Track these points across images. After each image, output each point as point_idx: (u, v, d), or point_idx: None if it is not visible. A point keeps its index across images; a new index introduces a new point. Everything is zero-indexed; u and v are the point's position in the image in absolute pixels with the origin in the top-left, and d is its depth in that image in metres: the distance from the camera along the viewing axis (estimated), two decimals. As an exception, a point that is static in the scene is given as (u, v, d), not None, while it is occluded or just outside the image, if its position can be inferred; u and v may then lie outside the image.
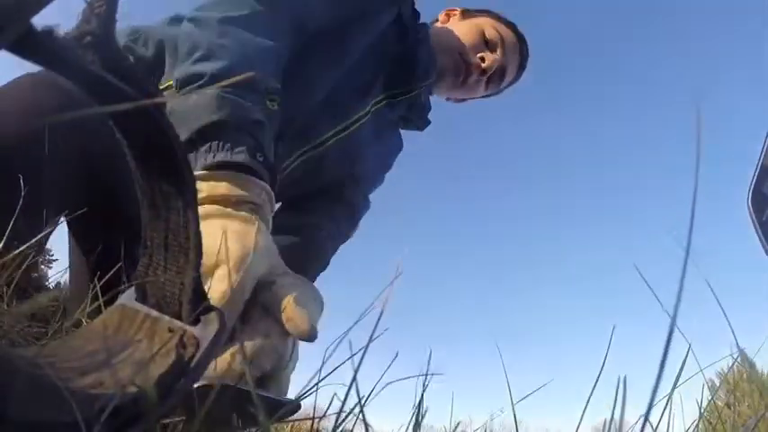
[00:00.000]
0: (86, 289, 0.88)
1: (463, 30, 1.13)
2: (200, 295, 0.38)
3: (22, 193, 0.65)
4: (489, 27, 1.13)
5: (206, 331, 0.37)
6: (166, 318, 0.38)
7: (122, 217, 0.79)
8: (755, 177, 0.62)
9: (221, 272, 0.50)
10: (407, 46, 1.03)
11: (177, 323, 0.37)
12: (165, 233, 0.38)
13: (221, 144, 0.60)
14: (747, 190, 0.62)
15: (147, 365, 0.34)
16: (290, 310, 0.51)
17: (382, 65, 1.02)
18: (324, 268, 1.10)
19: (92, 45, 0.27)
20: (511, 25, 1.16)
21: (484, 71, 1.12)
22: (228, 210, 0.55)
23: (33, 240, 0.63)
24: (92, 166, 0.85)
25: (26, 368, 0.30)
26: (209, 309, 0.38)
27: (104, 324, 0.39)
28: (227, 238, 0.51)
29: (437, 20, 1.21)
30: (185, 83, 0.67)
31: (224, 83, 0.63)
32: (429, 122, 1.22)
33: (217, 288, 0.49)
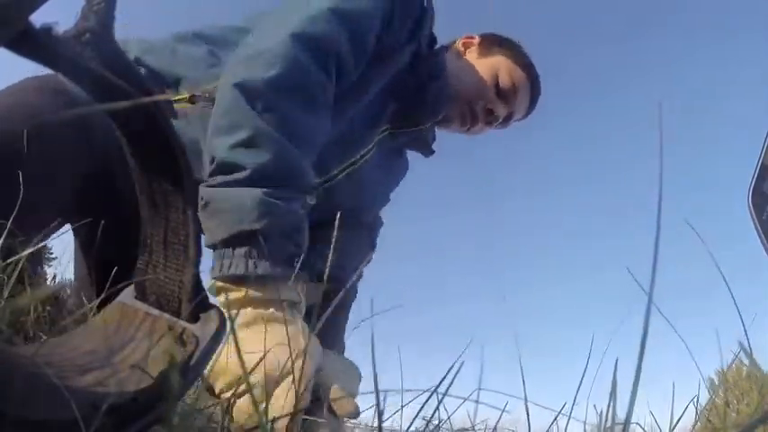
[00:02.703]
0: (88, 285, 0.88)
1: (476, 74, 1.08)
2: (199, 293, 0.38)
3: (21, 194, 0.65)
4: (504, 73, 1.08)
5: (205, 329, 0.37)
6: (166, 316, 0.38)
7: (124, 218, 0.79)
8: (755, 176, 0.62)
9: (287, 383, 0.55)
10: (419, 83, 1.00)
11: (177, 321, 0.37)
12: (165, 231, 0.38)
13: (260, 253, 0.62)
14: (747, 189, 0.62)
15: (146, 364, 0.34)
16: (338, 397, 0.59)
17: (392, 97, 1.00)
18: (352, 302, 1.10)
19: (91, 42, 0.27)
20: (528, 66, 1.11)
21: (490, 122, 1.11)
22: (271, 312, 0.61)
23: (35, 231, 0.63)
24: (95, 169, 0.85)
25: (26, 367, 0.30)
26: (209, 306, 0.38)
27: (104, 322, 0.39)
28: (285, 349, 0.54)
29: (454, 43, 1.15)
30: (225, 169, 0.66)
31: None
32: (433, 152, 1.20)
33: (284, 397, 0.55)
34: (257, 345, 0.54)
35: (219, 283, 0.63)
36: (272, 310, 0.61)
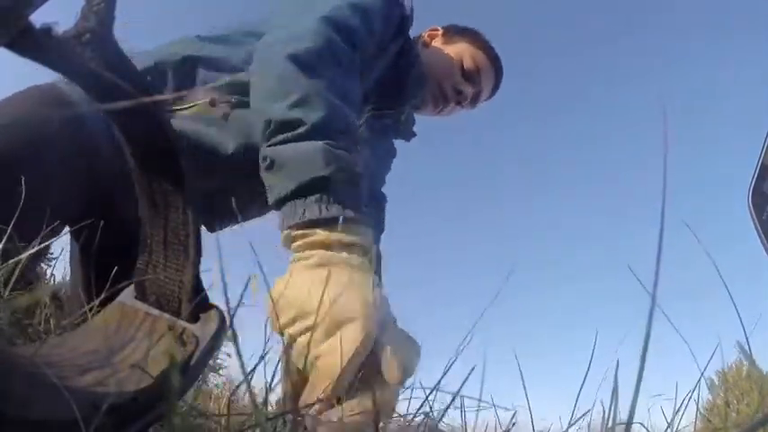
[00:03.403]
0: (84, 291, 0.89)
1: (443, 59, 1.21)
2: (199, 293, 0.38)
3: (21, 201, 0.67)
4: (468, 57, 1.21)
5: (205, 329, 0.37)
6: (166, 316, 0.38)
7: (121, 226, 0.80)
8: (755, 176, 0.62)
9: (353, 326, 0.56)
10: (400, 70, 1.12)
11: (177, 321, 0.37)
12: (165, 231, 0.38)
13: (331, 198, 0.66)
14: (747, 189, 0.62)
15: (146, 364, 0.34)
16: (386, 363, 0.57)
17: (374, 81, 1.10)
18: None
19: (90, 43, 0.27)
20: (488, 49, 1.24)
21: (459, 102, 1.23)
22: (344, 255, 0.63)
23: (32, 250, 0.64)
24: (93, 178, 0.88)
25: (26, 367, 0.30)
26: (209, 306, 0.38)
27: (105, 322, 0.39)
28: (354, 293, 0.58)
29: (420, 37, 1.27)
30: (285, 127, 0.71)
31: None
32: (414, 134, 1.32)
33: (350, 341, 0.55)
34: (323, 285, 0.55)
35: (295, 231, 0.66)
36: (344, 253, 0.63)
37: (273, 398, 0.64)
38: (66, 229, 0.88)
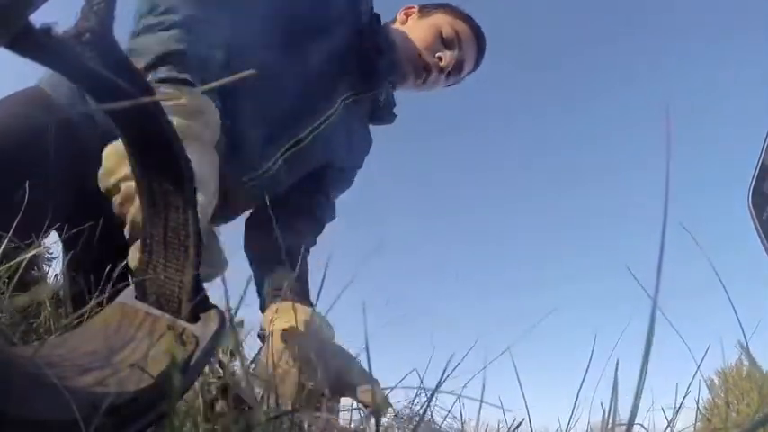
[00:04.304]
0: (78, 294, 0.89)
1: (421, 31, 1.19)
2: (199, 293, 0.38)
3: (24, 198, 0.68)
4: (446, 25, 1.19)
5: (205, 329, 0.37)
6: (166, 316, 0.38)
7: (109, 227, 0.80)
8: (755, 176, 0.62)
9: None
10: (365, 54, 1.11)
11: (177, 321, 0.37)
12: (165, 231, 0.38)
13: (180, 68, 0.70)
14: (747, 189, 0.62)
15: (146, 364, 0.34)
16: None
17: (345, 67, 1.10)
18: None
19: (90, 42, 0.27)
20: (466, 18, 1.22)
21: (442, 69, 1.19)
22: (192, 126, 0.64)
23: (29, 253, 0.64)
24: (81, 179, 0.87)
25: (26, 367, 0.30)
26: (209, 306, 0.38)
27: (105, 322, 0.39)
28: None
29: (396, 20, 1.26)
30: (150, 28, 0.73)
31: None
32: (395, 116, 1.31)
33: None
34: None
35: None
36: (192, 125, 0.65)
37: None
38: (60, 229, 0.88)
